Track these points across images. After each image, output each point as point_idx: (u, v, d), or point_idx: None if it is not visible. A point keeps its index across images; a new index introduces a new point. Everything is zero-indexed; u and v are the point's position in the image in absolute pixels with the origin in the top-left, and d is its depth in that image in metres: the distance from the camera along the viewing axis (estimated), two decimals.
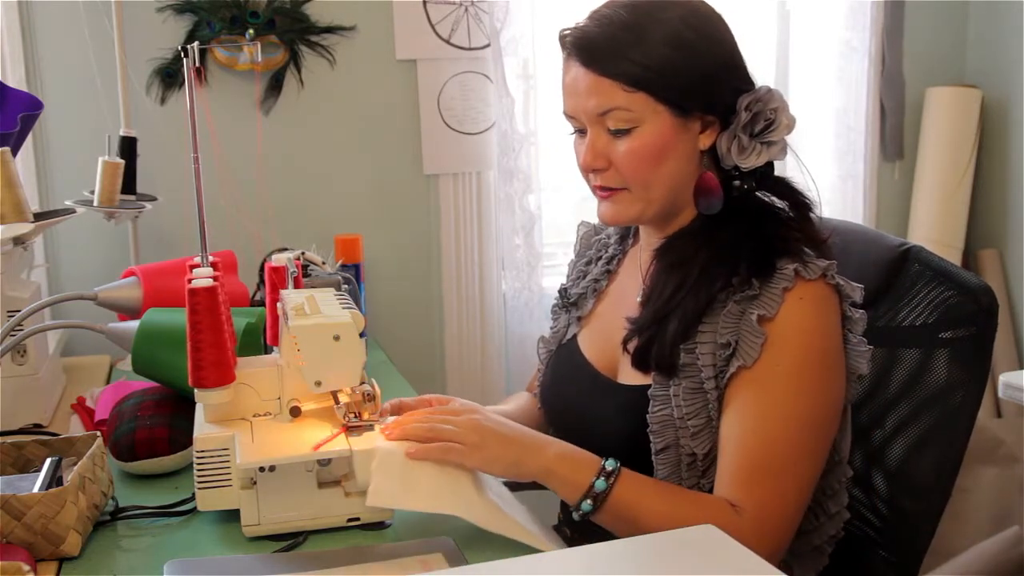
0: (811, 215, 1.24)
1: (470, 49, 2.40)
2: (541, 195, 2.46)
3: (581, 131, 1.25)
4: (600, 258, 1.43)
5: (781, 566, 1.23)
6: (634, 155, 1.19)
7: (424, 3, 2.35)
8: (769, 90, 1.21)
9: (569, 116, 1.26)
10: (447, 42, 2.38)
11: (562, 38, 1.24)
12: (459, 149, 2.43)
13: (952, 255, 2.70)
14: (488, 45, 2.38)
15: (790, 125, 1.20)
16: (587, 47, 1.20)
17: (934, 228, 2.72)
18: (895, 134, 2.74)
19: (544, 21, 2.42)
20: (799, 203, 1.24)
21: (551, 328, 1.45)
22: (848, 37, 2.62)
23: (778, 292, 1.15)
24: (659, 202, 1.23)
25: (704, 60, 1.19)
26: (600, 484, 1.14)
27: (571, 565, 0.94)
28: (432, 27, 2.37)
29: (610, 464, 1.15)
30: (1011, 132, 2.71)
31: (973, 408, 1.28)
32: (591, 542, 1.14)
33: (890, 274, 1.39)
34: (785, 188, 1.25)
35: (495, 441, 1.15)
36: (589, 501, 1.14)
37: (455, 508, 1.11)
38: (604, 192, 1.24)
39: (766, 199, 1.25)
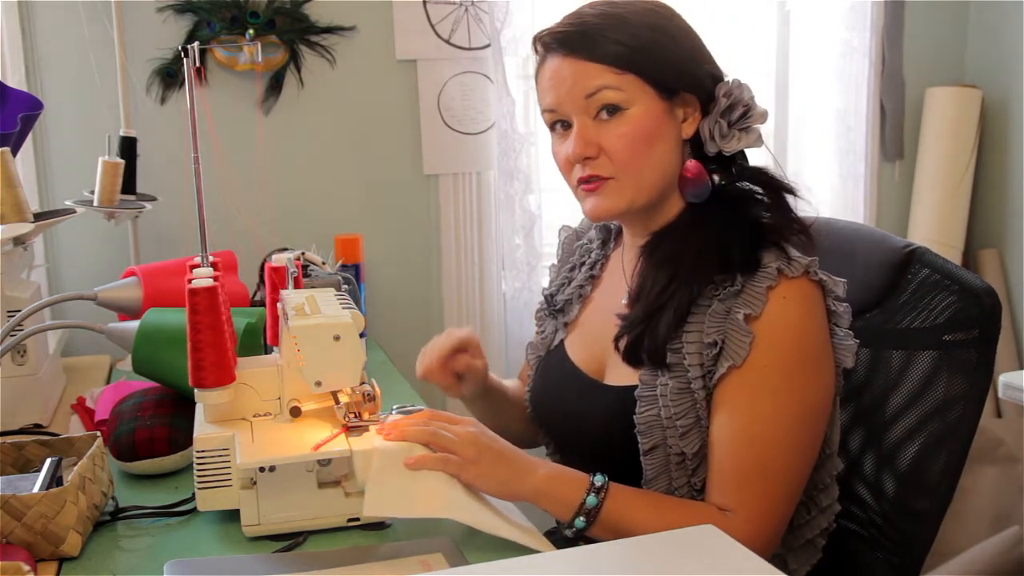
0: (786, 197, 1.25)
1: (470, 49, 2.39)
2: (541, 195, 2.45)
3: (563, 124, 1.25)
4: (584, 263, 1.43)
5: (775, 561, 1.24)
6: (626, 138, 1.20)
7: (424, 3, 2.35)
8: (740, 82, 1.24)
9: (549, 111, 1.25)
10: (447, 42, 2.38)
11: (538, 38, 1.26)
12: (459, 149, 2.43)
13: (952, 255, 2.70)
14: (488, 45, 2.38)
15: (764, 115, 1.24)
16: (568, 38, 1.22)
17: (934, 228, 2.71)
18: (895, 134, 2.73)
19: (544, 21, 2.40)
20: (776, 186, 1.25)
21: (538, 334, 1.45)
22: (848, 37, 2.61)
23: (761, 290, 1.15)
24: (648, 190, 1.23)
25: (682, 44, 1.24)
26: (591, 500, 1.14)
27: (571, 565, 0.94)
28: (432, 27, 2.37)
29: (599, 480, 1.15)
30: (1011, 132, 2.71)
31: (976, 410, 1.28)
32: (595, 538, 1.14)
33: (895, 276, 1.39)
34: (762, 175, 1.27)
35: (490, 458, 1.15)
36: (582, 518, 1.14)
37: (450, 512, 1.11)
38: (590, 185, 1.23)
39: (745, 188, 1.27)
